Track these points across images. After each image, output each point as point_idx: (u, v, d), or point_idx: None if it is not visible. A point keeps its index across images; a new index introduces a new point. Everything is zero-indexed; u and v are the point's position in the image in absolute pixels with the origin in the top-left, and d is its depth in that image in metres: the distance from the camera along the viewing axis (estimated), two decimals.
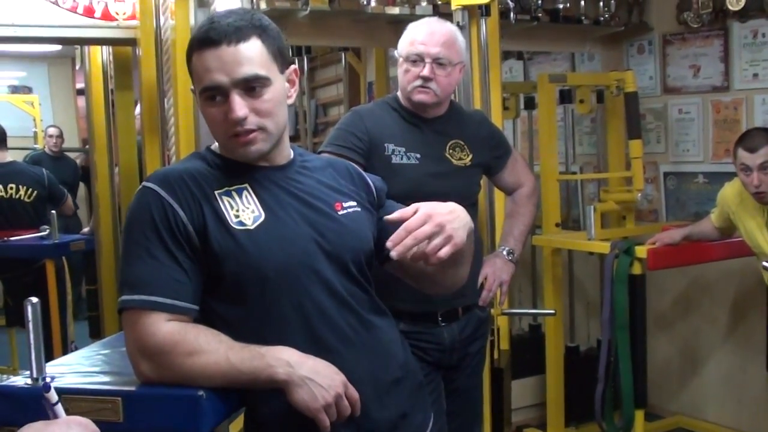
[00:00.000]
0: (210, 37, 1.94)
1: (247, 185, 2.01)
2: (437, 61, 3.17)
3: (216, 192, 1.97)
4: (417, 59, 3.18)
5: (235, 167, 2.04)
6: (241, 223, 1.95)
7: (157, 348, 1.85)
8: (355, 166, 2.34)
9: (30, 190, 6.10)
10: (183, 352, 1.85)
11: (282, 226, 1.99)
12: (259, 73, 1.95)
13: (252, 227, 1.95)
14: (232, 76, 1.93)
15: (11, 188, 6.04)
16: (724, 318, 5.23)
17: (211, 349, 1.86)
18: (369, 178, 2.30)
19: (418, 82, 3.18)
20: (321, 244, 2.01)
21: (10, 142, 6.39)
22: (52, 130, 8.83)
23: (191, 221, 1.92)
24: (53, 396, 1.41)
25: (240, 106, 1.93)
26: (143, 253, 1.91)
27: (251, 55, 1.95)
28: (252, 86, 1.95)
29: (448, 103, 3.36)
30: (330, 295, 2.00)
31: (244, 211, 1.97)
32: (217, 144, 2.12)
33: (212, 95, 1.96)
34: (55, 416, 1.41)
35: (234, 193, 1.99)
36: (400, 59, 3.24)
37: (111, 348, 2.30)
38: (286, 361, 1.86)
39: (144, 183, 2.00)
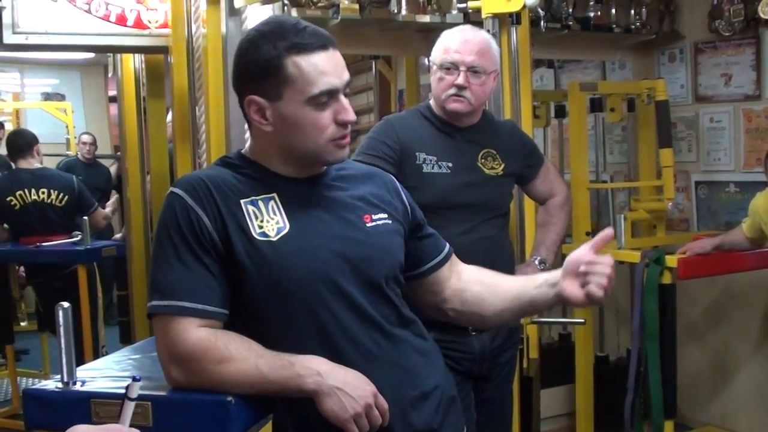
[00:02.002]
0: (321, 39, 1.95)
1: (274, 195, 2.00)
2: (472, 70, 3.16)
3: (241, 201, 1.96)
4: (451, 67, 3.17)
5: (265, 176, 2.02)
6: (264, 234, 1.93)
7: (187, 354, 1.86)
8: (395, 180, 2.32)
9: (61, 194, 6.13)
10: (213, 360, 1.85)
11: (306, 238, 1.97)
12: (349, 79, 1.99)
13: (275, 239, 1.94)
14: (342, 79, 1.96)
15: (43, 192, 6.08)
16: (755, 328, 5.18)
17: (241, 357, 1.86)
18: (406, 197, 2.28)
19: (453, 91, 3.16)
20: (345, 257, 1.99)
21: (42, 149, 6.44)
22: (85, 138, 8.87)
23: (215, 228, 1.92)
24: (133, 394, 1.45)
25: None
26: (172, 258, 1.91)
27: (343, 61, 1.99)
28: (346, 92, 1.98)
29: (481, 111, 3.35)
30: (352, 310, 1.98)
31: (268, 221, 1.95)
32: (248, 148, 2.12)
33: (324, 100, 1.95)
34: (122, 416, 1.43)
35: (260, 203, 1.97)
36: (434, 67, 3.23)
37: (141, 353, 2.32)
38: (316, 370, 1.86)
39: (171, 189, 2.00)
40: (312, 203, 2.03)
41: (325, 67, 1.93)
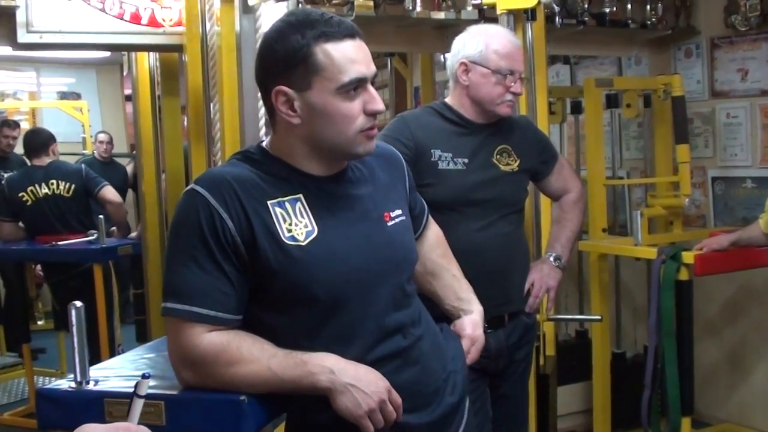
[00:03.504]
0: (348, 29, 1.93)
1: (300, 196, 1.97)
2: (521, 75, 3.20)
3: (268, 202, 1.93)
4: (508, 74, 3.16)
5: (289, 174, 1.99)
6: (293, 238, 1.91)
7: (199, 358, 1.86)
8: (404, 164, 2.34)
9: (68, 184, 6.10)
10: (225, 362, 1.85)
11: (334, 243, 1.95)
12: (376, 72, 1.98)
13: (304, 243, 1.91)
14: (371, 69, 1.95)
15: (52, 184, 6.07)
16: None
17: (253, 359, 1.85)
18: (409, 182, 2.31)
19: (510, 97, 3.18)
20: (372, 261, 2.00)
21: (59, 148, 6.43)
22: (102, 136, 8.88)
23: (239, 232, 1.88)
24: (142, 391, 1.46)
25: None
26: (189, 261, 1.88)
27: (370, 53, 1.98)
28: (373, 82, 1.96)
29: None
30: (378, 313, 1.99)
31: (297, 225, 1.92)
32: (269, 142, 2.07)
33: (353, 88, 1.93)
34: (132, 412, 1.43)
35: (287, 204, 1.94)
36: (486, 70, 3.17)
37: (155, 352, 2.32)
38: (329, 368, 1.86)
39: (192, 185, 1.95)
40: (336, 204, 2.01)
41: (355, 56, 1.92)
